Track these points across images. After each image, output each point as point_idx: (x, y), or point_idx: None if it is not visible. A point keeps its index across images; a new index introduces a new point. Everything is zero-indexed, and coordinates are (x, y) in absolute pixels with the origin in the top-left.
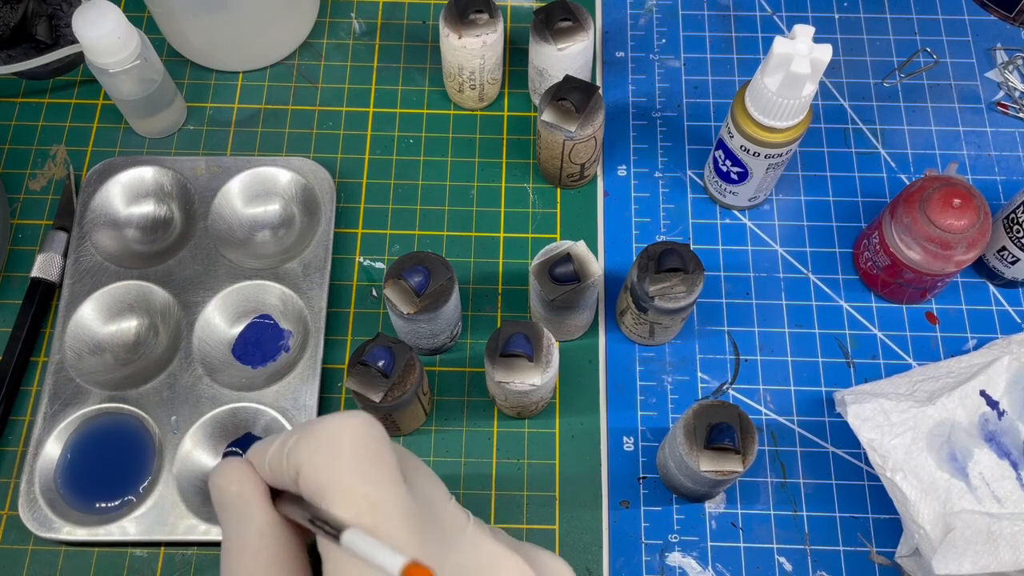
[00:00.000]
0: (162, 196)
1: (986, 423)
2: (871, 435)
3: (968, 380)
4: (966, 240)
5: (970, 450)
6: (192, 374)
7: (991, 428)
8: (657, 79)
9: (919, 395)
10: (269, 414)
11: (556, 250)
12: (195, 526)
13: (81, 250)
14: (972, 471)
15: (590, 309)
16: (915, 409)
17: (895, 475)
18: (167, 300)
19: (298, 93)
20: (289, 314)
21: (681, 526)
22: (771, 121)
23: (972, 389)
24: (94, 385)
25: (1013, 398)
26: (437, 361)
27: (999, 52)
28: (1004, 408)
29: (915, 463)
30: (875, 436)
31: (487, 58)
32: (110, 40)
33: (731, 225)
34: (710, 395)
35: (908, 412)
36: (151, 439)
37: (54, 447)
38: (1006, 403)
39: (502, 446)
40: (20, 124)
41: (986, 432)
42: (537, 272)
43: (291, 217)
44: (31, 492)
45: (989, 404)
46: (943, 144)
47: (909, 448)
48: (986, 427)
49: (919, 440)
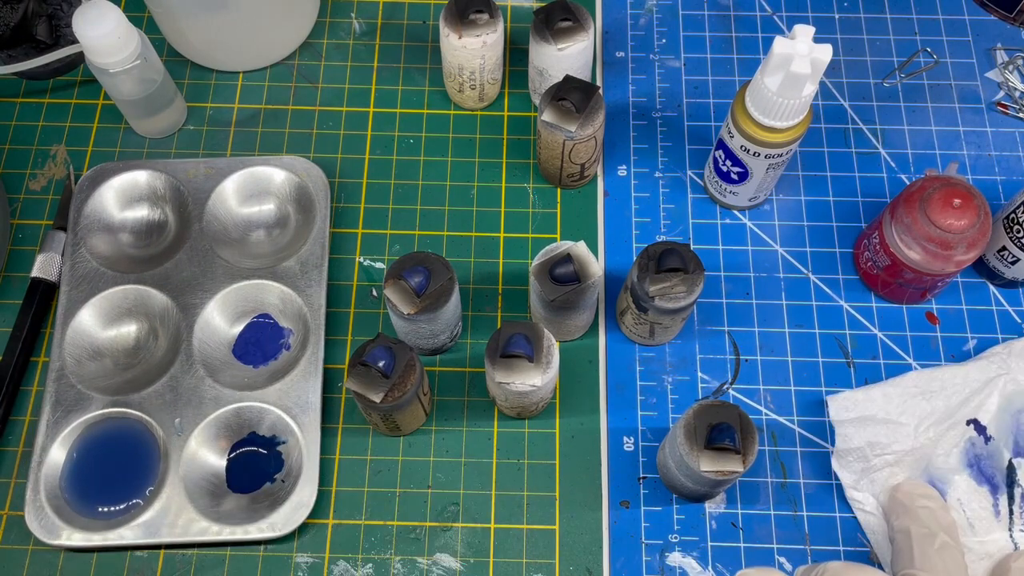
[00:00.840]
0: (156, 199)
1: (971, 447)
2: (849, 480)
3: (958, 410)
4: (966, 240)
5: (949, 477)
6: (194, 375)
7: (976, 452)
8: (657, 79)
9: (907, 419)
10: (274, 412)
11: (556, 250)
12: (206, 527)
13: (76, 256)
14: (950, 497)
15: (590, 309)
16: (897, 446)
17: (868, 518)
18: (165, 303)
19: (298, 93)
20: (288, 312)
21: (681, 526)
22: (771, 121)
23: (960, 420)
24: (95, 391)
25: (1002, 424)
26: (437, 361)
27: (999, 52)
28: (992, 434)
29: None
30: (853, 480)
31: (487, 58)
32: (110, 40)
33: (731, 225)
34: (710, 395)
35: (890, 451)
36: (156, 442)
37: (59, 454)
38: (993, 429)
39: (502, 446)
40: (20, 124)
41: (970, 456)
42: (537, 272)
43: (286, 216)
44: (37, 500)
45: (977, 430)
46: (943, 144)
47: (887, 481)
48: (971, 451)
49: (898, 475)
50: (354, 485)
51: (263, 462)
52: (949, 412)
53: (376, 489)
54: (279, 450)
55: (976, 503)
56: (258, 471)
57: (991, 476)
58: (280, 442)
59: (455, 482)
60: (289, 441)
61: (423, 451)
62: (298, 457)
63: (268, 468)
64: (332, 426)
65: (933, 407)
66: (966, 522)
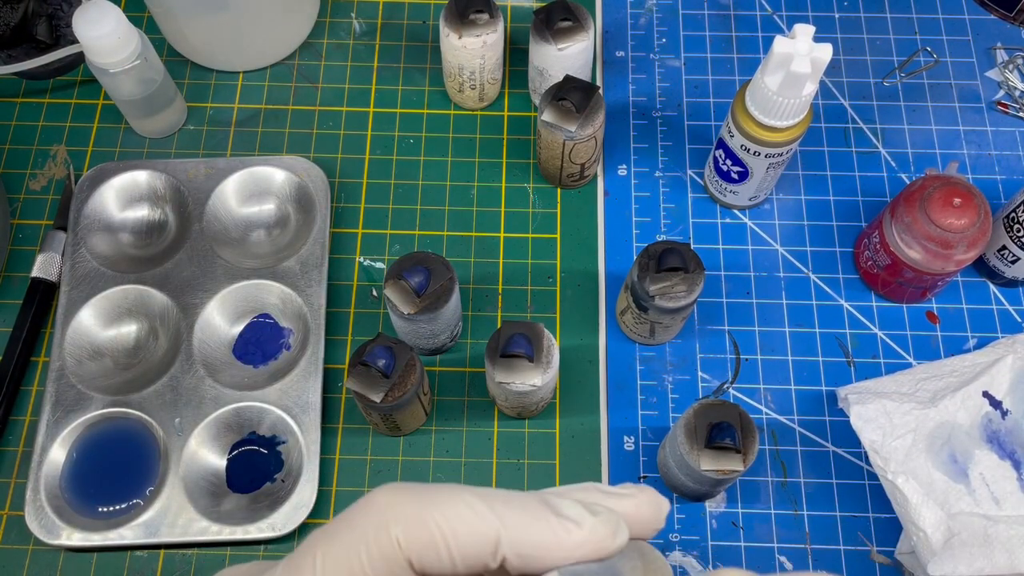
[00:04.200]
0: (156, 199)
1: (989, 423)
2: (873, 436)
3: (971, 381)
4: (966, 239)
5: (971, 451)
6: (194, 375)
7: (994, 428)
8: (657, 79)
9: (921, 395)
10: (274, 412)
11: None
12: (206, 527)
13: (76, 256)
14: (972, 472)
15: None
16: (917, 411)
17: (896, 478)
18: (165, 303)
19: (298, 93)
20: (289, 312)
21: (682, 525)
22: (771, 120)
23: (975, 390)
24: (96, 391)
25: (1017, 397)
26: (437, 361)
27: (999, 51)
28: (1008, 408)
29: (915, 465)
30: (877, 438)
31: (487, 58)
32: (110, 40)
33: (731, 224)
34: (711, 394)
35: (911, 414)
36: (156, 442)
37: (59, 454)
38: (1009, 402)
39: (502, 446)
40: (20, 124)
41: (989, 432)
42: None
43: (286, 216)
44: (37, 500)
45: (992, 404)
46: (943, 143)
47: (909, 450)
48: (989, 427)
49: (919, 442)
50: (354, 485)
51: (263, 462)
52: (963, 383)
53: None
54: (279, 450)
55: (1001, 477)
56: (258, 471)
57: (1012, 451)
58: (280, 442)
59: (455, 482)
60: (289, 441)
61: (423, 451)
62: (298, 457)
63: (268, 468)
64: (332, 426)
65: (947, 383)
66: (990, 497)
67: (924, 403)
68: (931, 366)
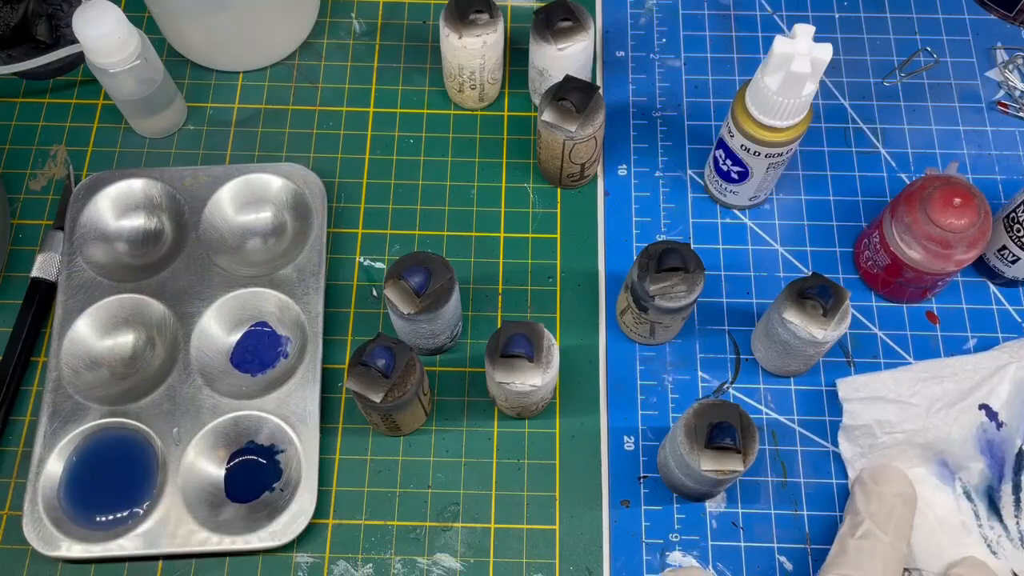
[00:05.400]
0: (152, 208)
1: (983, 433)
2: (851, 454)
3: (969, 395)
4: (966, 239)
5: (965, 464)
6: (191, 385)
7: (988, 438)
8: (657, 79)
9: (918, 400)
10: (272, 421)
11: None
12: (206, 538)
13: (73, 265)
14: (958, 486)
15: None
16: (907, 426)
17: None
18: (162, 312)
19: (298, 93)
20: (286, 320)
21: (682, 525)
22: (771, 120)
23: (971, 404)
24: (93, 401)
25: (1013, 410)
26: (437, 361)
27: (999, 51)
28: (1003, 420)
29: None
30: (857, 454)
31: (487, 58)
32: (110, 40)
33: (731, 224)
34: (711, 394)
35: (898, 429)
36: (154, 452)
37: (56, 465)
38: (1005, 415)
39: (502, 446)
40: (20, 124)
41: (982, 443)
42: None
43: (283, 224)
44: (35, 511)
45: (988, 415)
46: (943, 143)
47: (896, 458)
48: (983, 437)
49: (908, 453)
50: (354, 485)
51: (262, 471)
52: (960, 395)
53: (376, 489)
54: (278, 459)
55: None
56: (257, 480)
57: (1001, 463)
58: (279, 451)
59: (455, 482)
60: (288, 450)
61: (423, 451)
62: (297, 465)
63: (267, 477)
64: (332, 426)
65: (944, 390)
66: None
67: (918, 415)
68: (932, 365)
